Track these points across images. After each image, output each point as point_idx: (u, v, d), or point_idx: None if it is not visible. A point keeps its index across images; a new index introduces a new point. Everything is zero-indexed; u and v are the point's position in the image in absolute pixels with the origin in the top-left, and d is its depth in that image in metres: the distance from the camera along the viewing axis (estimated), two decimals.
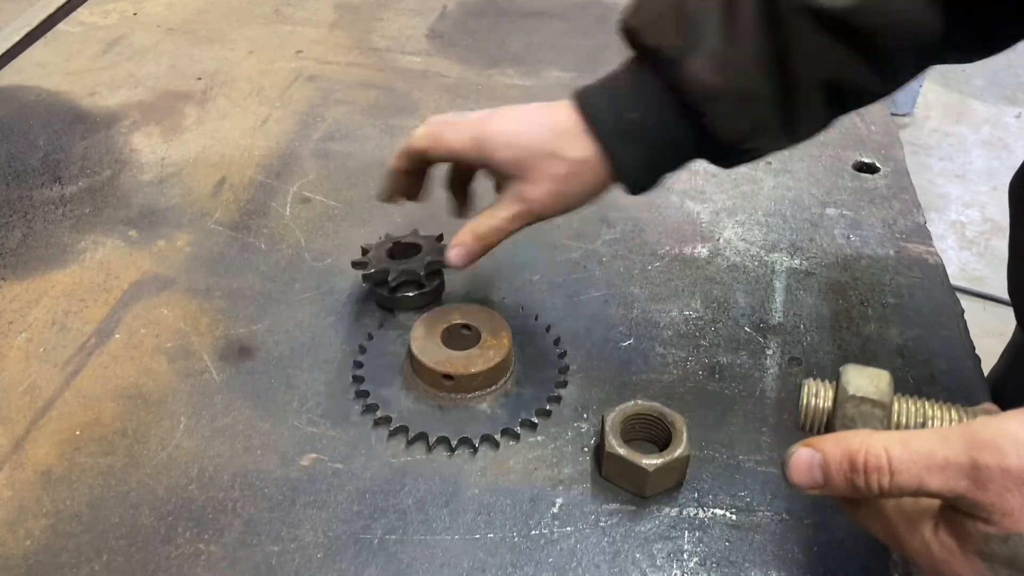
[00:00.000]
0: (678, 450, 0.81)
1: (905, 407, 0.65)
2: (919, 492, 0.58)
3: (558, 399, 0.91)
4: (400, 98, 1.39)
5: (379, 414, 0.88)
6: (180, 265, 1.07)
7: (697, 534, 0.80)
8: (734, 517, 0.82)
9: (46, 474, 0.83)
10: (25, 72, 1.43)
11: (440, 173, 0.96)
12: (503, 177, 0.87)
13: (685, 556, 0.78)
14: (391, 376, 0.92)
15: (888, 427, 0.64)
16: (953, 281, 1.09)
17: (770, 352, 0.98)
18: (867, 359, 0.97)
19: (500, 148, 0.85)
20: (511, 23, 1.61)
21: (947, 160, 3.57)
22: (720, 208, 1.18)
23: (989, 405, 0.67)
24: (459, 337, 0.93)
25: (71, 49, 1.49)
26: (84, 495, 0.82)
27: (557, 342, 0.97)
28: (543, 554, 0.78)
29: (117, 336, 0.97)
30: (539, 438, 0.88)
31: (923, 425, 0.64)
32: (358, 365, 0.94)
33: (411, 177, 0.94)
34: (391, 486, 0.83)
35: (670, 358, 0.97)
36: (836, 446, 0.61)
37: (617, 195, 1.19)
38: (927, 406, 0.65)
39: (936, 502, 0.60)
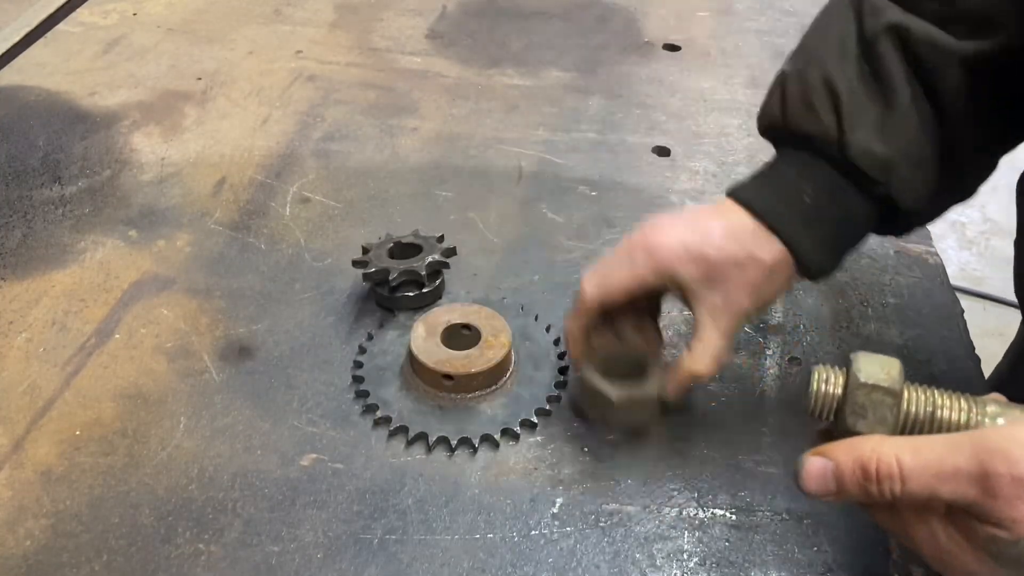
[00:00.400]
0: (646, 386, 0.83)
1: (915, 396, 0.65)
2: (930, 500, 0.59)
3: (558, 399, 0.91)
4: (400, 98, 1.39)
5: (379, 414, 0.88)
6: (180, 265, 1.07)
7: (697, 534, 0.80)
8: (734, 517, 0.82)
9: (46, 474, 0.83)
10: (25, 72, 1.42)
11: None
12: (690, 294, 0.80)
13: (685, 556, 0.78)
14: (391, 376, 0.92)
15: (898, 415, 0.64)
16: (953, 281, 1.09)
17: (770, 352, 0.98)
18: None
19: (683, 263, 0.79)
20: (511, 23, 1.61)
21: None
22: None
23: (997, 395, 0.67)
24: (459, 337, 0.93)
25: (71, 49, 1.49)
26: (84, 495, 0.82)
27: (557, 342, 0.97)
28: (543, 554, 0.78)
29: (117, 336, 0.97)
30: (539, 438, 0.88)
31: (932, 414, 0.64)
32: (358, 365, 0.94)
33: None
34: (391, 486, 0.83)
35: (670, 358, 0.97)
36: (848, 455, 0.61)
37: (617, 194, 1.20)
38: (936, 395, 0.65)
39: None
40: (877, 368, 0.64)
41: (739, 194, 0.81)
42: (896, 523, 0.63)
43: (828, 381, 0.66)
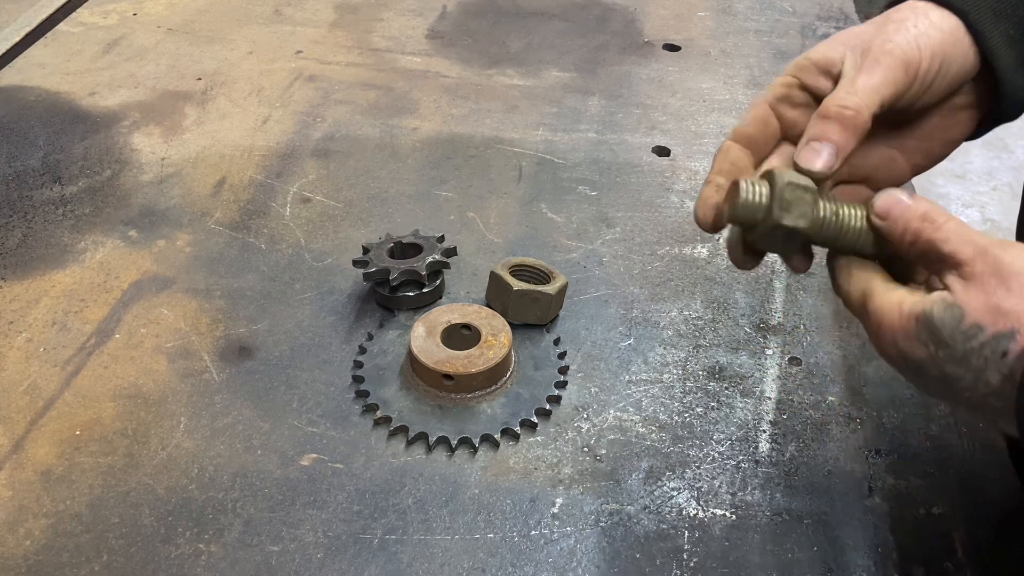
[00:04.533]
0: (543, 287, 0.96)
1: (825, 199, 0.68)
2: (929, 253, 0.63)
3: (558, 399, 0.91)
4: (400, 98, 1.40)
5: (379, 414, 0.88)
6: (180, 265, 1.07)
7: (697, 534, 0.80)
8: (734, 517, 0.82)
9: (46, 474, 0.83)
10: (25, 72, 1.43)
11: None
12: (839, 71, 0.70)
13: (685, 556, 0.78)
14: (391, 376, 0.92)
15: (816, 210, 0.66)
16: None
17: (770, 352, 0.98)
18: (867, 359, 0.97)
19: (834, 48, 0.69)
20: (511, 23, 1.61)
21: (947, 160, 3.57)
22: None
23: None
24: (459, 337, 0.93)
25: (71, 49, 1.49)
26: (84, 495, 0.82)
27: (557, 342, 0.97)
28: (543, 554, 0.78)
29: (117, 336, 0.97)
30: (539, 438, 0.88)
31: (836, 213, 0.67)
32: (358, 365, 0.94)
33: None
34: (391, 486, 0.83)
35: (670, 358, 0.97)
36: (918, 202, 0.65)
37: (617, 194, 1.20)
38: (836, 201, 0.68)
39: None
40: (795, 175, 0.67)
41: None
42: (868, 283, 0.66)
43: (755, 187, 0.67)
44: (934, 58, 0.69)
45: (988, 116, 0.75)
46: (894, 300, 0.64)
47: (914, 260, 0.66)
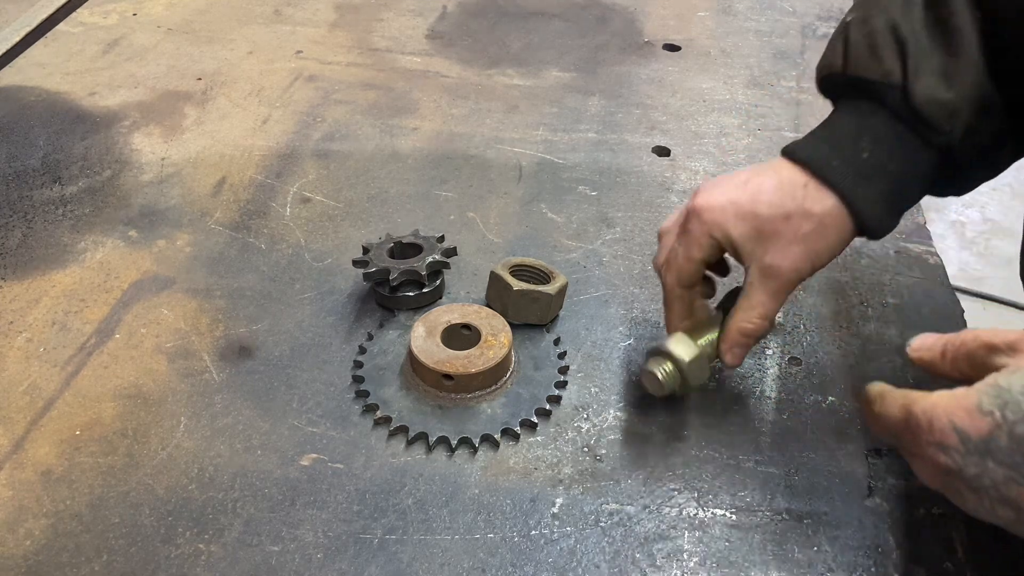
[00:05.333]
0: (543, 287, 0.96)
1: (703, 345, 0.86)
2: (997, 341, 0.65)
3: (558, 399, 0.91)
4: (400, 98, 1.40)
5: (379, 414, 0.88)
6: (180, 265, 1.07)
7: (697, 534, 0.80)
8: (734, 517, 0.82)
9: (46, 474, 0.83)
10: (25, 72, 1.43)
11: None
12: (742, 254, 0.81)
13: (685, 556, 0.78)
14: (391, 376, 0.92)
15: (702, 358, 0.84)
16: (953, 281, 1.09)
17: (770, 352, 0.98)
18: (867, 359, 0.97)
19: (733, 221, 0.79)
20: (511, 23, 1.61)
21: None
22: None
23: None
24: (459, 337, 0.93)
25: (71, 49, 1.49)
26: (84, 495, 0.82)
27: (557, 342, 0.97)
28: (543, 554, 0.78)
29: (117, 336, 0.97)
30: (539, 438, 0.88)
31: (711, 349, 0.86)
32: (358, 365, 0.94)
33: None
34: (391, 486, 0.83)
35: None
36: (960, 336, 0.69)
37: (617, 194, 1.20)
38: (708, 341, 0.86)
39: None
40: (682, 348, 0.84)
41: (793, 150, 0.80)
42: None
43: (666, 371, 0.84)
44: (828, 255, 0.81)
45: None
46: (943, 394, 0.64)
47: (958, 369, 0.68)
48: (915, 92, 0.75)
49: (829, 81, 0.83)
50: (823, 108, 0.88)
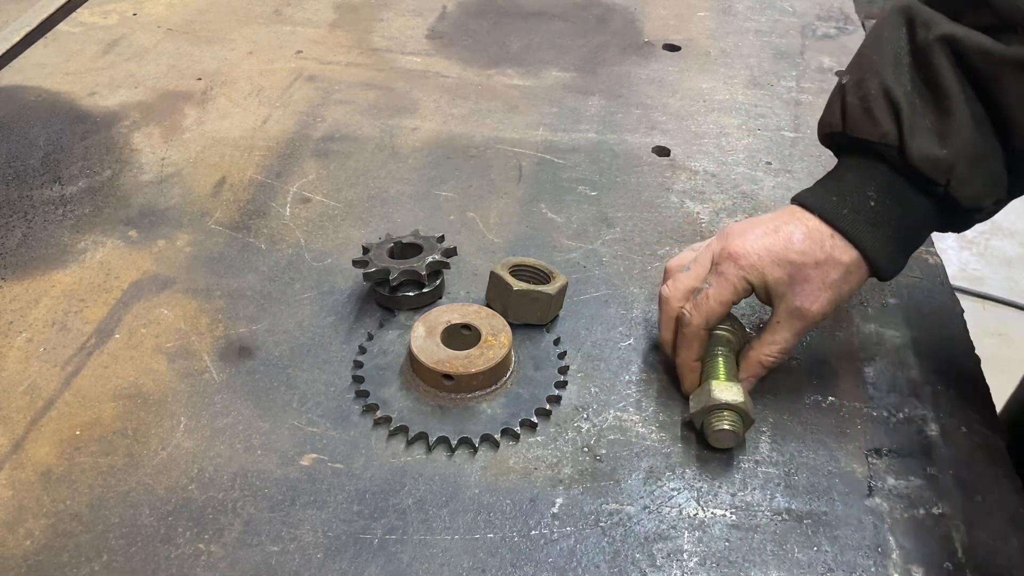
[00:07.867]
0: (543, 287, 0.96)
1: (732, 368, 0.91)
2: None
3: (558, 399, 0.91)
4: (400, 98, 1.39)
5: (379, 414, 0.88)
6: (180, 265, 1.07)
7: (697, 534, 0.80)
8: (734, 517, 0.82)
9: (46, 474, 0.83)
10: (25, 72, 1.43)
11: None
12: (774, 296, 0.87)
13: (685, 556, 0.78)
14: (391, 376, 0.92)
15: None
16: (953, 281, 1.09)
17: None
18: (867, 359, 0.97)
19: (770, 267, 0.85)
20: (511, 23, 1.61)
21: None
22: (720, 208, 1.18)
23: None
24: (459, 337, 0.93)
25: (71, 49, 1.49)
26: (84, 495, 0.82)
27: (557, 342, 0.97)
28: (543, 554, 0.78)
29: (117, 336, 0.97)
30: (539, 438, 0.88)
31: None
32: (358, 365, 0.94)
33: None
34: (391, 486, 0.83)
35: (670, 358, 0.97)
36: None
37: (617, 194, 1.20)
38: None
39: None
40: (723, 391, 0.86)
41: (806, 201, 0.87)
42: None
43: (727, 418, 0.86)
44: (848, 297, 0.89)
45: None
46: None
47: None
48: (911, 151, 0.82)
49: (830, 138, 0.90)
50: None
